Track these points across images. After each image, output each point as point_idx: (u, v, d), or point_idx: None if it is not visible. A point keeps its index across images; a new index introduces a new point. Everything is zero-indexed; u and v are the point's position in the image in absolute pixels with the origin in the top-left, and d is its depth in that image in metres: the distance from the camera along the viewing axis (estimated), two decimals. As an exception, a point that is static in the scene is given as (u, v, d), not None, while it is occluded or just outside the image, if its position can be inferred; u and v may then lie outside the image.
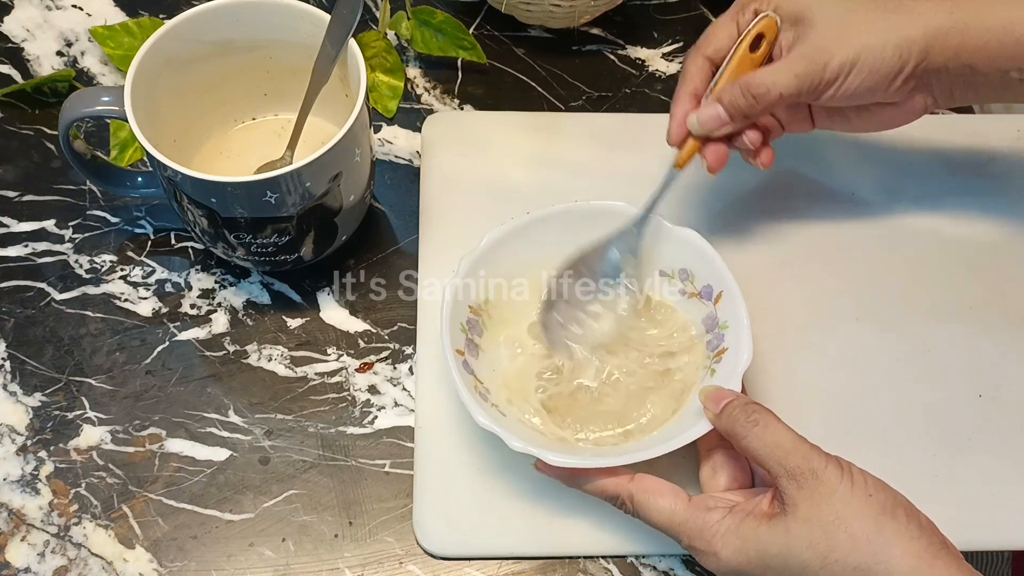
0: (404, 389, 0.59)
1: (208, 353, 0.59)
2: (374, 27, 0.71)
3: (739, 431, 0.47)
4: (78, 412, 0.57)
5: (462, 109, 0.70)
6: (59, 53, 0.72)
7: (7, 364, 0.59)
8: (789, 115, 0.58)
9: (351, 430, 0.57)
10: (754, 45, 0.54)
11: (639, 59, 0.73)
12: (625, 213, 0.57)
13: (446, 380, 0.57)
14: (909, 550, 0.43)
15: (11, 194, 0.65)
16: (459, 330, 0.54)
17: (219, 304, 0.61)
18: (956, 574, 0.42)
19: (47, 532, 0.54)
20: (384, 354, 0.60)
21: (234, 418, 0.57)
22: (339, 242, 0.60)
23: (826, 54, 0.52)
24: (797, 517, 0.44)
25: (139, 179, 0.61)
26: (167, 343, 0.60)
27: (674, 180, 0.55)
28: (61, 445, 0.56)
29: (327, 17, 0.57)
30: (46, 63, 0.71)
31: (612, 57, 0.73)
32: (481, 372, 0.54)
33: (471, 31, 0.73)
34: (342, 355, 0.60)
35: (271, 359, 0.59)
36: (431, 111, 0.70)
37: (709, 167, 0.55)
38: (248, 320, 0.61)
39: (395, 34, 0.71)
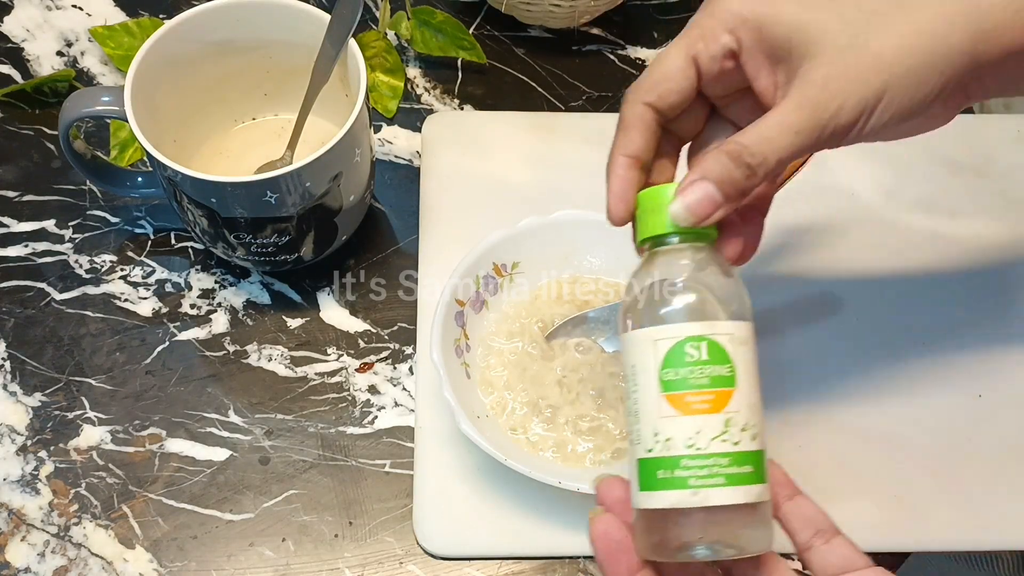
0: (404, 389, 0.59)
1: (208, 353, 0.59)
2: (374, 27, 0.71)
3: None
4: (78, 412, 0.57)
5: (462, 109, 0.70)
6: (59, 53, 0.72)
7: (7, 364, 0.59)
8: None
9: (351, 430, 0.57)
10: None
11: (639, 59, 0.73)
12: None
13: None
14: None
15: (11, 194, 0.65)
16: (453, 323, 0.55)
17: (219, 304, 0.61)
18: None
19: (47, 532, 0.54)
20: (384, 354, 0.60)
21: (234, 418, 0.57)
22: (339, 242, 0.60)
23: (838, 95, 0.38)
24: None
25: (139, 179, 0.61)
26: (167, 343, 0.60)
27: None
28: (61, 445, 0.56)
29: (327, 17, 0.57)
30: (46, 63, 0.71)
31: (612, 57, 0.73)
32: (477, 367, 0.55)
33: (471, 31, 0.73)
34: (342, 355, 0.60)
35: (271, 359, 0.59)
36: (431, 111, 0.70)
37: (741, 259, 0.42)
38: (248, 320, 0.61)
39: (395, 34, 0.71)
